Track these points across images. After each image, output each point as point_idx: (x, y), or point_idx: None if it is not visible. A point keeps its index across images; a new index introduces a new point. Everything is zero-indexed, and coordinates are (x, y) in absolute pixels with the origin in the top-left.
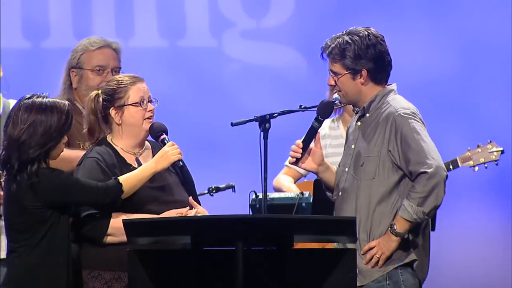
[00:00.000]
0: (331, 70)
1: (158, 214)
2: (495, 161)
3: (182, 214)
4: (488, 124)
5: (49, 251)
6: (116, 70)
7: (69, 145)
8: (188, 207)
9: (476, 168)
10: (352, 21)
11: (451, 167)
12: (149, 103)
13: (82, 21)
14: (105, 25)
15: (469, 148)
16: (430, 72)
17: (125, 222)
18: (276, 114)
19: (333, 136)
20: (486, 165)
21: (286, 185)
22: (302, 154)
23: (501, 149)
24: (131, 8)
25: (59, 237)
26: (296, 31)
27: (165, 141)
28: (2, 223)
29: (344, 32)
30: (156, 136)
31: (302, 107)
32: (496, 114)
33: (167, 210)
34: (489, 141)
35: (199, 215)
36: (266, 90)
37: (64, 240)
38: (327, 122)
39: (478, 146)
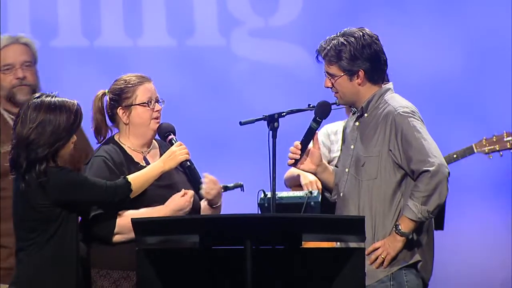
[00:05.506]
0: (327, 73)
1: None
2: (511, 149)
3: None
4: (499, 122)
5: (58, 249)
6: (27, 64)
7: None
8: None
9: (491, 155)
10: (360, 20)
11: (466, 153)
12: (156, 103)
13: (90, 20)
14: (114, 24)
15: (485, 137)
16: (439, 70)
17: (134, 221)
18: (284, 113)
19: None
20: (501, 153)
21: (297, 171)
22: (301, 155)
23: None
24: (140, 7)
25: (67, 235)
26: (305, 30)
27: (173, 141)
28: None
29: (338, 33)
30: (164, 136)
31: (311, 106)
32: (507, 111)
33: None
34: (504, 131)
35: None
36: (275, 89)
37: (72, 239)
38: (340, 123)
39: (493, 136)
